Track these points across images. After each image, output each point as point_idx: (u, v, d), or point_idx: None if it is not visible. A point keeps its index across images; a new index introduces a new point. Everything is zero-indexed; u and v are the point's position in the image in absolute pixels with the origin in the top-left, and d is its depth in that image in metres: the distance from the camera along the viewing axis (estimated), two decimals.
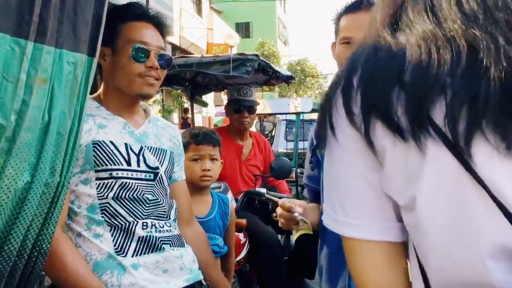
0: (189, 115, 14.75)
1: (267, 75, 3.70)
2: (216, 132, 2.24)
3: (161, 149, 1.53)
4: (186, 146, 2.12)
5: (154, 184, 1.47)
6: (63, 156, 1.05)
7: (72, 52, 1.04)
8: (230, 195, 2.73)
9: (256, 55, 3.04)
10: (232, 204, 2.76)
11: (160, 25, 1.51)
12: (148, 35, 1.47)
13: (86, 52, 1.08)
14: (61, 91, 1.04)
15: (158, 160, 1.50)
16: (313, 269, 3.52)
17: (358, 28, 1.36)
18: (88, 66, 1.09)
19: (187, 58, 3.16)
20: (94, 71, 1.11)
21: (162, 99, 14.12)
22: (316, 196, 1.63)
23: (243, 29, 32.32)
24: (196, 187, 2.15)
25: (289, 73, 3.96)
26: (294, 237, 1.47)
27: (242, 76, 2.97)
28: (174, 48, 14.45)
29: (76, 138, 1.08)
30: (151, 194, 1.45)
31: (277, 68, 3.64)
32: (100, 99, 1.49)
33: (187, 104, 11.40)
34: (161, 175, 1.49)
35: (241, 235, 2.90)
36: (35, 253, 1.05)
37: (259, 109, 6.07)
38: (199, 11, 19.02)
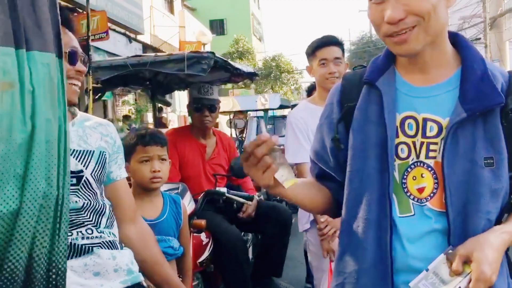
0: (164, 115, 14.64)
1: (229, 73, 3.66)
2: (162, 132, 2.19)
3: (86, 151, 1.46)
4: (133, 148, 2.08)
5: (78, 189, 1.41)
6: (57, 166, 0.98)
7: (42, 52, 0.97)
8: (188, 196, 2.69)
9: (212, 53, 3.00)
10: (191, 205, 2.71)
11: (72, 28, 1.48)
12: (73, 39, 1.45)
13: (55, 52, 1.00)
14: (41, 95, 0.96)
15: (82, 162, 1.44)
16: (280, 267, 3.52)
17: None
18: (60, 67, 1.02)
19: (141, 57, 3.10)
20: (66, 73, 1.04)
21: (135, 99, 13.94)
22: (322, 177, 1.33)
23: (217, 26, 32.15)
24: (146, 189, 2.10)
25: (251, 70, 3.92)
26: (286, 186, 1.09)
27: (198, 74, 2.93)
28: (145, 46, 14.26)
29: (65, 144, 1.01)
30: (75, 199, 1.40)
31: (237, 65, 3.61)
32: None
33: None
34: (86, 178, 1.44)
35: (203, 236, 2.86)
36: (53, 275, 0.99)
37: (228, 107, 6.03)
38: (171, 9, 18.82)
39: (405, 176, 1.14)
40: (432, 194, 1.12)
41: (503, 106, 1.09)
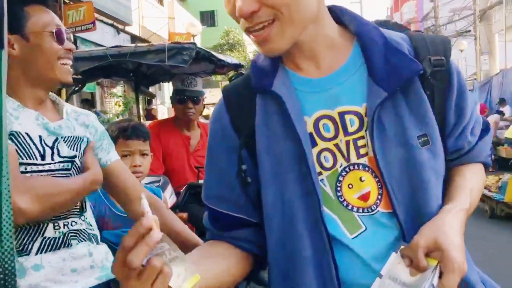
0: (154, 106, 14.52)
1: (213, 64, 3.61)
2: (144, 125, 2.15)
3: (76, 136, 1.46)
4: (114, 141, 2.03)
5: (70, 174, 1.41)
6: None
7: None
8: (169, 189, 2.66)
9: (193, 43, 2.95)
10: (173, 198, 2.68)
11: (50, 6, 1.48)
12: (56, 17, 1.43)
13: None
14: None
15: (74, 148, 1.43)
16: (264, 259, 3.52)
17: None
18: None
19: (121, 48, 3.04)
20: (6, 64, 1.00)
21: (124, 90, 13.82)
22: (230, 227, 1.00)
23: (208, 18, 31.94)
24: None
25: (236, 61, 3.87)
26: None
27: (179, 65, 2.88)
28: (134, 38, 14.12)
29: (1, 136, 0.97)
30: None
31: (221, 57, 3.56)
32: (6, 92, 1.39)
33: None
34: (76, 163, 1.43)
35: None
36: (1, 275, 0.97)
37: (217, 98, 5.99)
38: (160, 0, 18.65)
39: (338, 188, 0.92)
40: (379, 196, 0.92)
41: (421, 73, 0.92)
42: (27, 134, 1.33)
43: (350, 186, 0.92)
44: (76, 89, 3.44)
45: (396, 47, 0.94)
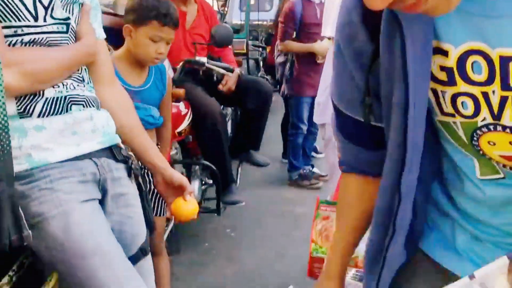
0: None
1: None
2: (176, 9, 2.05)
3: None
4: (147, 20, 1.95)
5: (68, 37, 1.35)
6: None
7: None
8: (167, 63, 2.59)
9: None
10: (170, 73, 2.63)
11: None
12: None
13: None
14: None
15: (67, 9, 1.35)
16: (258, 141, 3.59)
17: None
18: None
19: None
20: None
21: None
22: (356, 140, 0.92)
23: None
24: (140, 62, 2.04)
25: None
26: None
27: None
28: None
29: None
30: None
31: None
32: None
33: None
34: (72, 26, 1.37)
35: (182, 106, 2.83)
36: None
37: None
38: None
39: (475, 138, 0.72)
40: None
41: None
42: None
43: (492, 143, 0.70)
44: None
45: None
